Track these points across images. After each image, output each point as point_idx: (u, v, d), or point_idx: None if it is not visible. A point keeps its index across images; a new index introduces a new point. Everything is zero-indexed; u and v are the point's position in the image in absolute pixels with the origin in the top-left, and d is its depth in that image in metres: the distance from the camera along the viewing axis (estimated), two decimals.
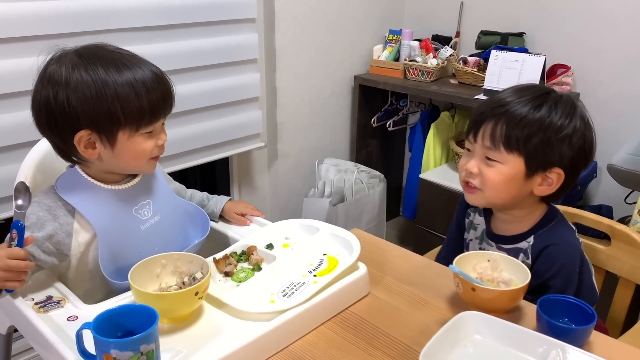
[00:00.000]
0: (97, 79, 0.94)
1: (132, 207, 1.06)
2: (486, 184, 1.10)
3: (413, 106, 2.74)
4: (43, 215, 0.99)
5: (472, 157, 1.12)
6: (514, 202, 1.12)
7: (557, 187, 1.09)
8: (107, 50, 1.01)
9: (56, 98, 0.95)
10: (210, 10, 1.89)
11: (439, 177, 2.35)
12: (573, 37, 2.23)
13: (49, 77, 0.96)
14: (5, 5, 1.46)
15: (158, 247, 1.04)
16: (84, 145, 0.98)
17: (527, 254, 1.13)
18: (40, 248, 0.97)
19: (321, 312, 0.97)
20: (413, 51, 2.49)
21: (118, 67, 0.96)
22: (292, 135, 2.46)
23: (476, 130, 1.10)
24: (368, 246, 1.18)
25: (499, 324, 0.88)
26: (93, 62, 0.95)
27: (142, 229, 1.06)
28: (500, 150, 1.07)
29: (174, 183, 1.26)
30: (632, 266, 1.24)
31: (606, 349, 0.89)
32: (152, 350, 0.76)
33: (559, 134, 1.05)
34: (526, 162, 1.06)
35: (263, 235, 1.14)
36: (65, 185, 1.02)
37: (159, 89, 1.00)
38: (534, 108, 1.06)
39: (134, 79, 0.96)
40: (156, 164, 1.09)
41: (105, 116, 0.95)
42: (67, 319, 0.91)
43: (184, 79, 1.89)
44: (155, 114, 1.00)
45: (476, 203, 1.16)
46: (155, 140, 1.03)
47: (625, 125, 2.10)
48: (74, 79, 0.94)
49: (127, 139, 0.99)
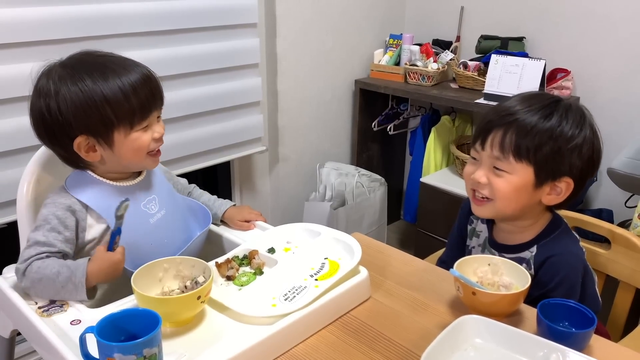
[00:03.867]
0: (83, 87, 0.98)
1: (140, 202, 1.09)
2: (496, 195, 1.08)
3: (414, 110, 2.74)
4: (62, 214, 1.02)
5: (479, 166, 1.11)
6: (522, 212, 1.11)
7: (566, 197, 1.08)
8: (92, 57, 1.04)
9: (49, 110, 0.99)
10: (212, 15, 1.90)
11: (440, 180, 2.35)
12: (573, 42, 2.24)
13: (39, 91, 1.01)
14: (8, 11, 1.46)
15: (167, 239, 1.10)
16: (85, 150, 1.02)
17: (530, 264, 1.12)
18: (70, 243, 1.02)
19: (322, 316, 0.97)
20: (414, 55, 2.50)
21: (103, 72, 1.00)
22: (293, 139, 2.47)
23: (484, 138, 1.08)
24: (369, 250, 1.19)
25: (500, 327, 0.89)
26: (78, 72, 0.99)
27: (151, 222, 1.09)
28: (509, 159, 1.05)
29: (175, 179, 1.30)
30: (632, 270, 1.24)
31: (606, 352, 0.90)
32: (155, 353, 0.77)
33: (569, 143, 1.04)
34: (535, 171, 1.05)
35: (265, 239, 1.15)
36: (75, 184, 1.06)
37: (146, 87, 1.03)
38: (544, 117, 1.05)
39: (120, 81, 0.99)
40: (158, 159, 1.11)
41: (97, 121, 0.99)
42: (70, 323, 0.92)
43: (186, 83, 1.90)
44: (146, 110, 1.03)
45: (485, 215, 1.15)
46: (152, 134, 1.06)
47: (625, 129, 2.11)
48: (63, 91, 0.98)
49: (123, 137, 1.02)
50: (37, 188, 1.12)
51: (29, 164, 1.14)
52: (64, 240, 1.01)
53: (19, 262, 0.99)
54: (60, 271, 0.96)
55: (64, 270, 0.96)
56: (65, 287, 0.96)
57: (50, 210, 1.02)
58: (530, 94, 1.13)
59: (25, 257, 0.98)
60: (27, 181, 1.12)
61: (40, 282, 0.96)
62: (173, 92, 1.87)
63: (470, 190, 1.14)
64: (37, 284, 0.97)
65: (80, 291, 0.96)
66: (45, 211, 1.02)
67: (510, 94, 2.09)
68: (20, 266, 0.98)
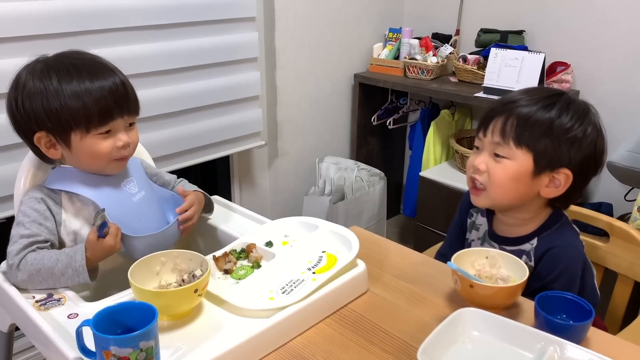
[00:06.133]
0: (48, 85, 1.00)
1: (119, 183, 1.11)
2: (492, 181, 1.09)
3: (413, 104, 2.74)
4: (39, 207, 1.04)
5: (480, 153, 1.12)
6: (519, 202, 1.11)
7: (565, 190, 1.08)
8: (71, 57, 1.06)
9: (16, 102, 1.02)
10: (210, 9, 1.90)
11: (439, 175, 2.35)
12: (573, 35, 2.23)
13: (16, 81, 1.04)
14: (4, 5, 1.46)
15: (152, 218, 1.13)
16: (45, 146, 1.04)
17: (530, 256, 1.12)
18: (53, 234, 1.04)
19: (320, 309, 0.97)
20: (413, 49, 2.49)
21: (71, 74, 1.01)
22: (292, 133, 2.46)
23: (486, 126, 1.10)
24: (367, 243, 1.19)
25: (497, 320, 0.89)
26: (49, 70, 1.02)
27: (134, 200, 1.12)
28: (509, 144, 1.06)
29: (160, 173, 1.28)
30: (630, 263, 1.24)
31: (604, 345, 0.90)
32: (151, 346, 0.77)
33: (567, 134, 1.05)
34: (535, 159, 1.06)
35: (262, 232, 1.15)
36: (55, 180, 1.08)
37: (111, 95, 1.02)
38: (545, 107, 1.06)
39: (83, 85, 1.00)
40: (123, 165, 1.11)
41: (55, 120, 1.01)
42: (67, 317, 0.92)
43: (184, 77, 1.90)
44: (106, 117, 1.02)
45: (481, 204, 1.15)
46: (114, 141, 1.05)
47: (625, 123, 2.10)
48: (29, 86, 1.01)
49: (79, 140, 1.03)
50: (34, 182, 1.12)
51: (26, 158, 1.14)
52: (47, 230, 1.03)
53: (8, 259, 0.99)
54: (58, 259, 0.98)
55: (62, 258, 0.98)
56: (65, 274, 0.97)
57: (28, 205, 1.04)
58: (535, 88, 1.15)
59: (15, 252, 0.98)
60: (24, 176, 1.13)
61: (39, 273, 0.97)
62: (171, 86, 1.87)
63: (469, 179, 1.15)
64: (35, 275, 0.97)
65: (82, 274, 0.98)
66: (23, 207, 1.04)
67: (509, 87, 2.11)
68: (12, 261, 0.98)
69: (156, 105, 1.82)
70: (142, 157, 1.27)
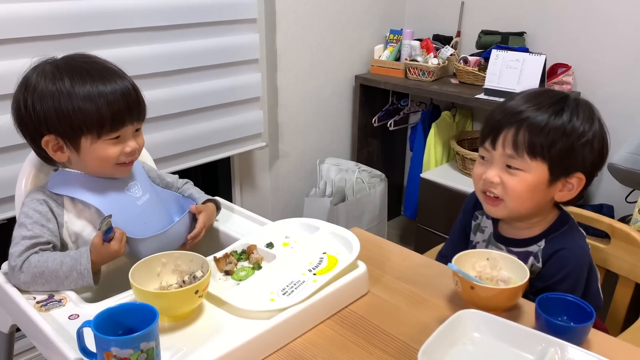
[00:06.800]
0: (61, 89, 0.99)
1: (123, 187, 1.11)
2: (509, 194, 1.07)
3: (414, 106, 2.74)
4: (42, 208, 1.04)
5: (490, 166, 1.09)
6: (536, 210, 1.11)
7: (577, 193, 1.08)
8: (81, 61, 1.05)
9: (26, 103, 1.01)
10: (211, 10, 1.90)
11: (440, 176, 2.35)
12: (573, 37, 2.23)
13: (24, 82, 1.02)
14: (7, 7, 1.46)
15: (157, 220, 1.12)
16: (52, 149, 1.04)
17: (538, 258, 1.12)
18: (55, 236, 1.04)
19: (321, 311, 0.97)
20: (414, 51, 2.49)
21: (84, 78, 1.00)
22: (293, 135, 2.46)
23: (494, 137, 1.07)
24: (368, 245, 1.19)
25: (498, 322, 0.89)
26: (61, 73, 1.01)
27: (138, 204, 1.11)
28: (523, 157, 1.04)
29: (162, 176, 1.28)
30: (631, 265, 1.24)
31: (605, 347, 0.89)
32: (152, 348, 0.77)
33: (581, 139, 1.04)
34: (550, 168, 1.05)
35: (263, 234, 1.15)
36: (56, 183, 1.07)
37: (123, 100, 1.02)
38: (555, 114, 1.04)
39: (96, 90, 1.00)
40: (129, 169, 1.11)
41: (66, 124, 1.00)
42: (68, 318, 0.92)
43: (186, 79, 1.90)
44: (117, 122, 1.03)
45: (500, 215, 1.14)
46: (123, 147, 1.05)
47: (626, 124, 2.10)
48: (40, 88, 1.00)
49: (89, 144, 1.03)
50: (35, 184, 1.12)
51: (27, 159, 1.14)
52: (49, 231, 1.03)
53: (11, 260, 0.99)
54: (63, 261, 0.98)
55: (67, 260, 0.98)
56: (70, 277, 0.98)
57: (30, 207, 1.04)
58: (535, 91, 1.12)
59: (17, 253, 0.98)
60: (26, 177, 1.13)
61: (42, 275, 0.97)
62: (172, 88, 1.87)
63: (480, 192, 1.13)
64: (39, 277, 0.97)
65: (87, 277, 0.98)
66: (25, 209, 1.04)
67: (510, 89, 2.11)
68: (15, 263, 0.98)
69: (157, 106, 1.83)
70: (144, 159, 1.28)
